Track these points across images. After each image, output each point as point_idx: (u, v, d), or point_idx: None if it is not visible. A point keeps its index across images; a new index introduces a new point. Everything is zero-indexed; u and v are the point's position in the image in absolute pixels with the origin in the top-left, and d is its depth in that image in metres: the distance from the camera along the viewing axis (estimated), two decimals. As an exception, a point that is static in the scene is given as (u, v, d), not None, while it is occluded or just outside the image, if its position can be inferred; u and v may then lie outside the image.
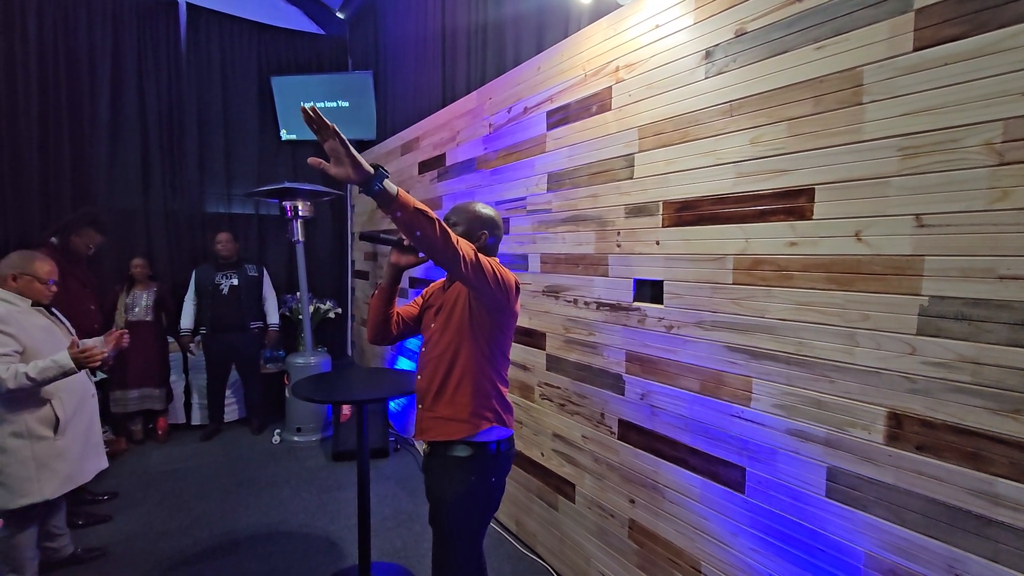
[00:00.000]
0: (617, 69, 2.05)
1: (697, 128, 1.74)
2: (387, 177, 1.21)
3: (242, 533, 2.79)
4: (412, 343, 3.97)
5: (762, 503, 1.59)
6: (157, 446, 4.01)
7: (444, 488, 1.56)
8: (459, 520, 1.56)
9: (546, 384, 2.51)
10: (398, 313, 1.79)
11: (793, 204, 1.49)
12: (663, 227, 1.88)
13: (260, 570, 2.47)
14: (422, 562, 2.53)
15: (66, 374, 2.05)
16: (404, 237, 1.63)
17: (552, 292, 2.44)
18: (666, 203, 1.86)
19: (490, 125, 2.90)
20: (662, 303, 1.89)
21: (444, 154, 3.43)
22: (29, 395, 2.08)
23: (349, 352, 5.46)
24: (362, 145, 5.13)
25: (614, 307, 2.10)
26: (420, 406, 1.65)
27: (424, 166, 3.74)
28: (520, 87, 2.63)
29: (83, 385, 2.32)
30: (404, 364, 4.11)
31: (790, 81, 1.48)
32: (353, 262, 5.39)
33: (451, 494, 1.54)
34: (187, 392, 4.39)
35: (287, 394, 4.23)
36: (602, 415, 2.18)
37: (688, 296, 1.79)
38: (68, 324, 2.38)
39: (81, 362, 2.05)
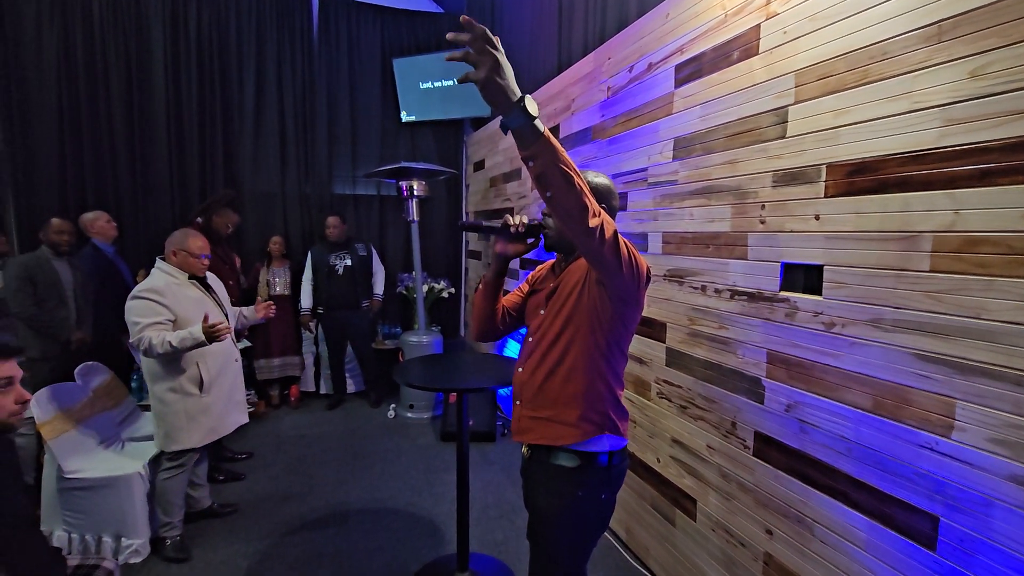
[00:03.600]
0: (768, 2, 1.65)
1: (883, 64, 1.31)
2: (535, 111, 1.00)
3: (353, 505, 2.87)
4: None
5: (964, 568, 1.17)
6: (289, 411, 4.35)
7: (546, 501, 1.36)
8: (562, 539, 1.36)
9: (665, 382, 2.20)
10: (503, 306, 1.60)
11: (1041, 158, 1.04)
12: (826, 197, 1.47)
13: (366, 546, 2.50)
14: (523, 560, 2.38)
15: (199, 344, 2.21)
16: (511, 225, 1.42)
17: (676, 277, 2.11)
18: (832, 166, 1.45)
19: (608, 88, 2.60)
20: (820, 294, 1.50)
21: (558, 126, 3.19)
22: (179, 358, 2.32)
23: (461, 332, 5.51)
24: (477, 122, 5.07)
25: (754, 296, 1.73)
26: (518, 402, 1.46)
27: (537, 140, 3.53)
28: (644, 40, 2.29)
29: (227, 351, 2.53)
30: (514, 348, 3.99)
31: (1046, -22, 1.02)
32: (467, 242, 5.39)
33: (554, 509, 1.34)
34: (317, 363, 4.70)
35: (402, 371, 4.34)
36: (733, 424, 1.84)
37: (859, 286, 1.39)
38: (222, 295, 2.61)
39: (210, 335, 2.18)
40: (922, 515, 1.25)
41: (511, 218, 1.43)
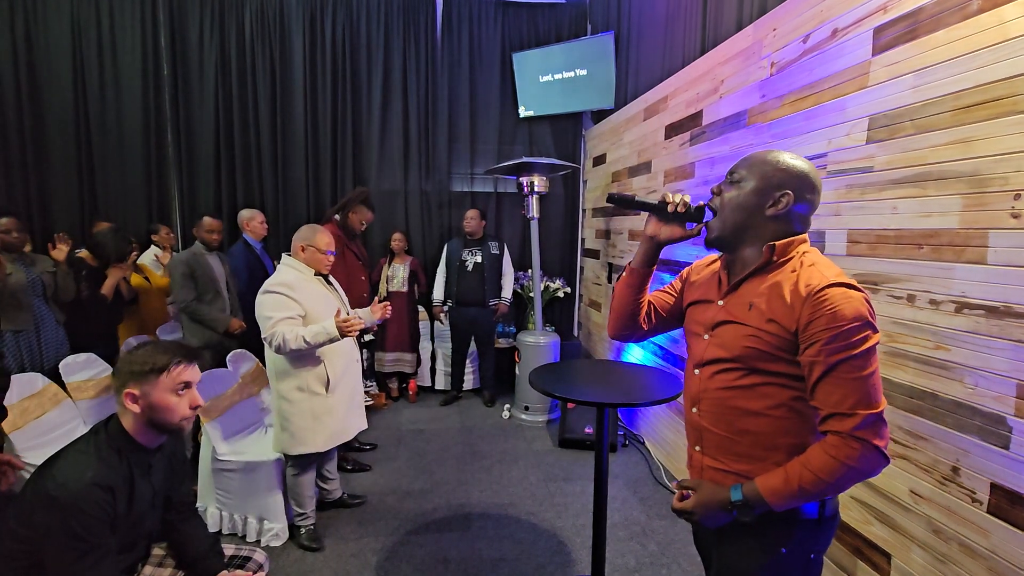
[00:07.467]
0: (1035, -71, 1.27)
1: None
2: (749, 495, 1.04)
3: (474, 508, 2.80)
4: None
5: None
6: (408, 405, 4.44)
7: (736, 559, 1.12)
8: (756, 607, 1.11)
9: (846, 407, 1.85)
10: (650, 302, 1.36)
11: None
12: None
13: (491, 555, 2.40)
14: (661, 592, 2.16)
15: (332, 340, 2.19)
16: (669, 203, 1.19)
17: (867, 284, 1.76)
18: None
19: (772, 64, 2.26)
20: (1121, 312, 1.12)
21: (700, 112, 2.88)
22: (307, 355, 2.30)
23: (576, 333, 5.32)
24: (598, 115, 4.83)
25: (996, 311, 1.36)
26: (697, 448, 1.20)
27: (672, 129, 3.24)
28: (828, 3, 1.94)
29: (349, 350, 2.50)
30: (631, 351, 3.72)
31: None
32: (583, 240, 5.18)
33: (749, 569, 1.09)
34: (432, 358, 4.76)
35: (516, 371, 4.25)
36: (955, 470, 1.47)
37: None
38: (342, 293, 2.61)
39: (343, 330, 2.17)
40: None
41: (670, 195, 1.19)
